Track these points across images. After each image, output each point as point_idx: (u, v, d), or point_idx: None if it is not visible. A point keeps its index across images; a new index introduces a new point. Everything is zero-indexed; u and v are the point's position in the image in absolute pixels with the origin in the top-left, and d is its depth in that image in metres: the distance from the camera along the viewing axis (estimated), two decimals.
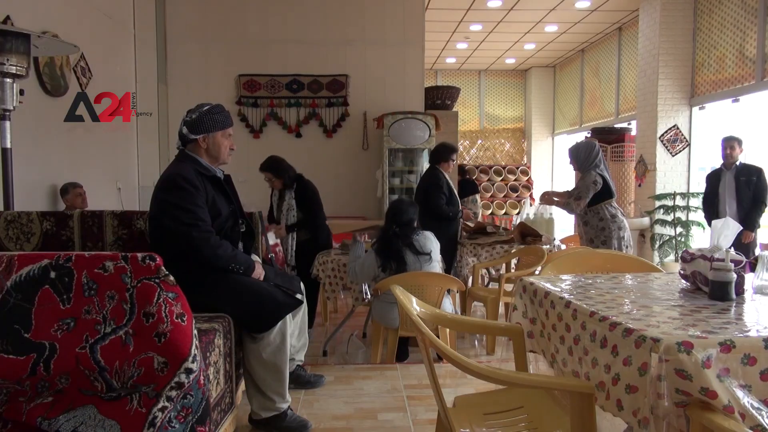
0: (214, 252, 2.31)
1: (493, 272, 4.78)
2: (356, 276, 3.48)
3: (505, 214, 10.70)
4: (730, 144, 5.15)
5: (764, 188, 5.04)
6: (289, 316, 2.42)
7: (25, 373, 1.45)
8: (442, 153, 4.56)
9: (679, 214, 6.91)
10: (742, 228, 3.73)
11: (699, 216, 6.60)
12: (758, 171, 5.06)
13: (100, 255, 1.48)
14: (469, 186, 8.20)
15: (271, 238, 4.21)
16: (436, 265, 3.41)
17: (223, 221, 2.44)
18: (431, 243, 3.41)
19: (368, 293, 3.61)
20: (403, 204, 3.50)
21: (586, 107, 10.25)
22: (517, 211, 10.61)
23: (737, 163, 5.14)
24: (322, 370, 3.24)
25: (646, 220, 7.29)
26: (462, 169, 8.33)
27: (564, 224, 9.69)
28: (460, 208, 4.56)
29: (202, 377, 1.57)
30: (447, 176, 4.53)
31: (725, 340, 1.27)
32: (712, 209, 5.30)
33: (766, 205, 5.02)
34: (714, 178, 5.31)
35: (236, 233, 2.53)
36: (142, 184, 6.12)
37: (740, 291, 1.71)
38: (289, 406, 2.47)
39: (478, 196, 8.38)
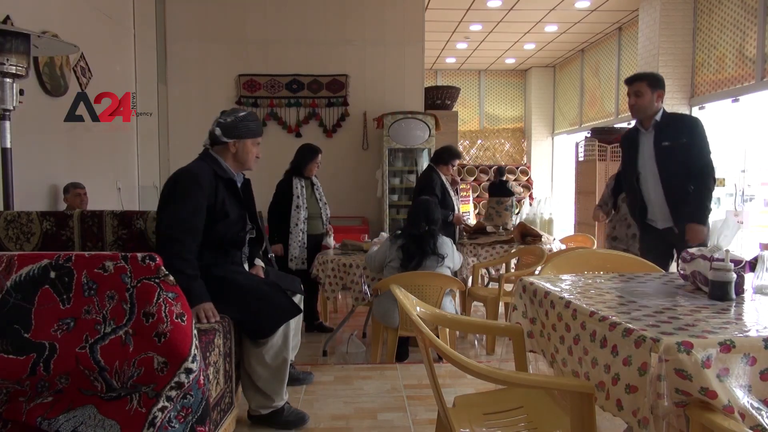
0: (170, 263, 2.26)
1: (493, 272, 4.78)
2: (372, 261, 3.53)
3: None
4: (634, 89, 3.11)
5: (702, 154, 3.04)
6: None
7: (25, 373, 1.45)
8: (444, 156, 4.47)
9: None
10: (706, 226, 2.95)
11: None
12: (690, 125, 3.10)
13: (100, 255, 1.48)
14: (498, 188, 8.44)
15: (331, 241, 4.19)
16: (447, 270, 3.42)
17: (232, 224, 2.45)
18: (447, 247, 3.45)
19: (368, 293, 3.62)
20: (431, 204, 3.52)
21: (586, 107, 10.25)
22: (517, 211, 10.61)
23: (657, 116, 3.11)
24: (322, 370, 3.24)
25: None
26: (499, 170, 8.85)
27: (564, 224, 9.70)
28: (454, 211, 4.47)
29: (202, 377, 1.57)
30: (444, 178, 4.48)
31: (725, 340, 1.27)
32: (634, 196, 3.29)
33: (714, 181, 3.05)
34: (628, 144, 3.31)
35: (241, 239, 2.54)
36: (142, 184, 6.12)
37: (740, 291, 1.71)
38: (286, 401, 2.50)
39: (512, 200, 8.48)
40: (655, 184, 3.15)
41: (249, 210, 2.61)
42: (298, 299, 2.76)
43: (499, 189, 8.50)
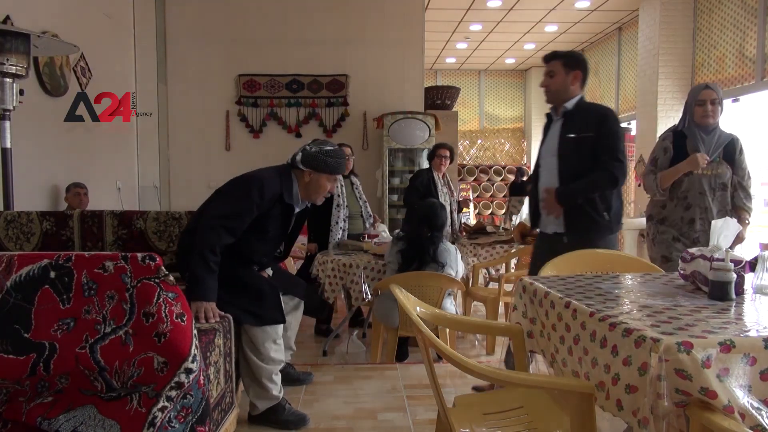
0: (200, 249, 2.26)
1: (493, 272, 4.77)
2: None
3: (506, 213, 10.71)
4: (548, 68, 2.73)
5: (611, 151, 2.57)
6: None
7: (25, 373, 1.45)
8: (431, 152, 4.63)
9: None
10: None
11: None
12: (599, 117, 2.64)
13: (100, 255, 1.48)
14: (519, 188, 9.12)
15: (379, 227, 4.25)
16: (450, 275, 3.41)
17: (265, 242, 2.47)
18: (448, 255, 3.38)
19: (368, 293, 3.61)
20: (436, 207, 3.43)
21: None
22: (503, 212, 10.64)
23: (569, 104, 2.69)
24: (322, 370, 3.24)
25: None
26: (519, 171, 9.67)
27: None
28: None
29: (202, 377, 1.57)
30: (436, 176, 4.55)
31: (725, 340, 1.26)
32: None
33: (614, 183, 2.60)
34: (543, 131, 2.93)
35: (266, 261, 2.57)
36: (142, 184, 6.12)
37: (740, 291, 1.71)
38: (287, 401, 2.52)
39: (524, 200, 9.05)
40: (551, 180, 2.72)
41: (290, 236, 2.64)
42: (296, 303, 2.78)
43: (521, 188, 9.06)
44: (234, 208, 2.32)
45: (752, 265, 1.84)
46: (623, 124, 8.68)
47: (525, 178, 9.49)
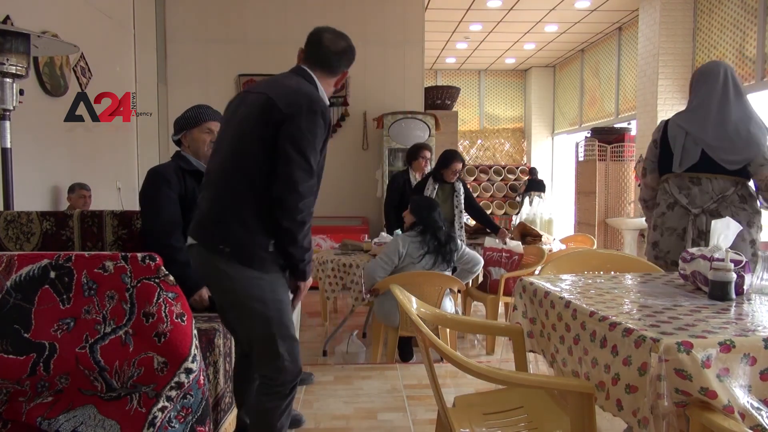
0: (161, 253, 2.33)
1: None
2: (374, 268, 3.35)
3: (505, 214, 10.71)
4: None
5: None
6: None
7: (24, 373, 1.45)
8: (412, 152, 4.56)
9: None
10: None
11: None
12: None
13: (100, 255, 1.48)
14: (537, 184, 10.00)
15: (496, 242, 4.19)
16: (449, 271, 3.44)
17: None
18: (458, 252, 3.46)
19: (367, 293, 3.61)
20: (433, 202, 3.58)
21: (586, 107, 10.25)
22: (516, 211, 10.62)
23: None
24: (322, 370, 3.24)
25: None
26: (534, 170, 10.35)
27: (564, 224, 9.70)
28: None
29: (202, 377, 1.57)
30: (414, 177, 4.49)
31: (725, 340, 1.27)
32: None
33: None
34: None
35: None
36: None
37: (740, 291, 1.71)
38: None
39: (541, 195, 9.91)
40: None
41: None
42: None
43: (538, 185, 10.01)
44: (158, 201, 2.44)
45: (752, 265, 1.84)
46: (623, 124, 8.69)
47: (539, 176, 10.22)
